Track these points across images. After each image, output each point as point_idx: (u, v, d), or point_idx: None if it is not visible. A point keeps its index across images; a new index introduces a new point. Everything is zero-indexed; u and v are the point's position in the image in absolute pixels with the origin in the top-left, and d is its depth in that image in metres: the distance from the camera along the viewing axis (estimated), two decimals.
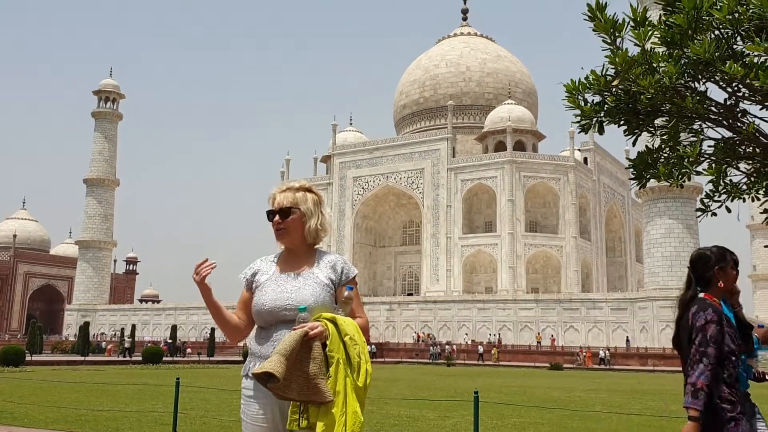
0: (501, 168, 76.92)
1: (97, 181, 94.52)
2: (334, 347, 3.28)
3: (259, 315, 3.54)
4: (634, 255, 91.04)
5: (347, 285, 3.56)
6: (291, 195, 3.65)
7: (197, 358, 52.58)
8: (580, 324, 61.93)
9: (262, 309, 3.51)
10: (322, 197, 3.78)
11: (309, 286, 3.51)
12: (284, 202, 3.63)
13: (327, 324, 3.31)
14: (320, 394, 3.17)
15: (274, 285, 3.56)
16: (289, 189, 3.69)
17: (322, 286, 3.53)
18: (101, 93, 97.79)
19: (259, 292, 3.57)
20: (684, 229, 60.15)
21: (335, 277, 3.60)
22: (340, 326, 3.33)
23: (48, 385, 21.71)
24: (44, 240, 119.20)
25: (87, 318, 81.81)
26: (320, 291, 3.51)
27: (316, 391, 3.17)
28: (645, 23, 5.06)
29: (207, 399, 17.44)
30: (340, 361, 3.27)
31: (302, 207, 3.64)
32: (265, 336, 3.53)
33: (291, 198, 3.64)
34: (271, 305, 3.49)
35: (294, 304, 3.45)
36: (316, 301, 3.46)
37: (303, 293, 3.49)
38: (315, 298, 3.47)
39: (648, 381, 34.58)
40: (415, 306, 70.23)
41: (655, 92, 5.01)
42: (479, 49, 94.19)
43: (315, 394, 3.17)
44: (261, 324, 3.58)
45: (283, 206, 3.62)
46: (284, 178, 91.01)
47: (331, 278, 3.59)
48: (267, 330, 3.53)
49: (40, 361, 40.21)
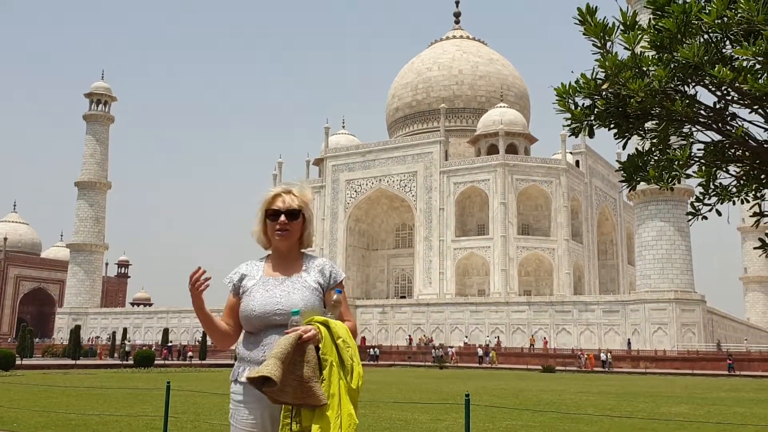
0: (493, 171, 77.08)
1: (88, 184, 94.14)
2: (327, 350, 3.28)
3: (248, 320, 3.50)
4: (625, 257, 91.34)
5: (336, 288, 3.55)
6: (297, 198, 3.64)
7: (189, 361, 52.40)
8: (572, 326, 62.05)
9: (252, 314, 3.47)
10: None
11: (298, 290, 3.49)
12: (293, 204, 3.60)
13: (319, 327, 3.31)
14: (314, 397, 3.16)
15: (263, 290, 3.52)
16: (291, 192, 3.66)
17: (311, 290, 3.52)
18: (93, 96, 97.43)
19: (247, 297, 3.53)
20: (675, 231, 60.41)
21: (324, 281, 3.59)
22: (332, 329, 3.33)
23: (38, 389, 21.57)
24: (35, 243, 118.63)
25: (78, 321, 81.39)
26: (310, 295, 3.49)
27: (311, 394, 3.16)
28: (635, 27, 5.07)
29: (198, 403, 17.37)
30: (334, 363, 3.27)
31: (306, 212, 3.64)
32: (254, 341, 3.49)
33: (298, 201, 3.63)
34: (261, 310, 3.45)
35: (284, 309, 3.43)
36: (306, 305, 3.44)
37: (293, 298, 3.47)
38: (305, 302, 3.46)
39: (640, 383, 34.66)
40: (408, 309, 70.21)
41: (644, 96, 5.03)
42: (471, 53, 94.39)
43: (309, 397, 3.16)
44: (249, 329, 3.54)
45: (292, 208, 3.59)
46: (276, 181, 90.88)
47: (320, 282, 3.58)
48: (256, 335, 3.50)
49: (31, 365, 39.96)
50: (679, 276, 59.82)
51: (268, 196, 3.66)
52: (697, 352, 54.82)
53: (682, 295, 58.65)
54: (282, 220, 3.57)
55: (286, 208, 3.59)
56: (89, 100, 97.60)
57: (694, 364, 51.40)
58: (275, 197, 3.64)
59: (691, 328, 58.00)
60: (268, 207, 3.62)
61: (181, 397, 17.94)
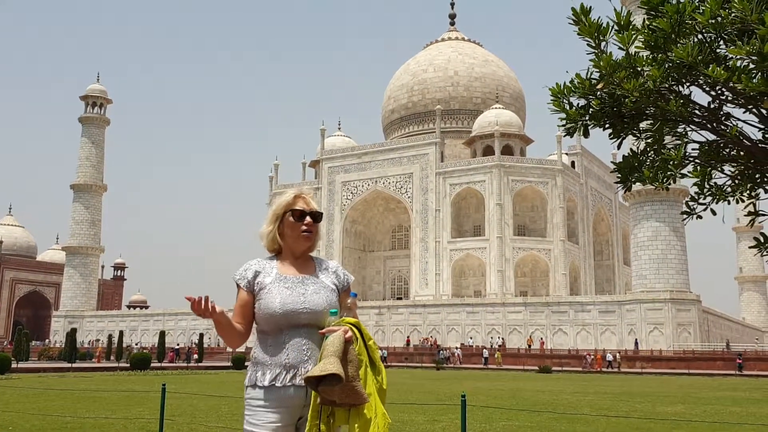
0: (489, 172, 77.16)
1: (84, 186, 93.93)
2: (360, 351, 3.33)
3: (269, 318, 3.42)
4: (621, 258, 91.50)
5: (351, 292, 3.63)
6: (314, 202, 3.71)
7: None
8: (568, 327, 62.11)
9: (276, 313, 3.40)
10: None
11: (321, 290, 3.51)
12: (318, 207, 3.68)
13: (352, 329, 3.35)
14: (359, 396, 3.20)
15: (283, 287, 3.48)
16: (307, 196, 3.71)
17: (331, 291, 3.55)
18: (88, 98, 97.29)
19: (267, 295, 3.46)
20: (671, 231, 60.56)
21: (339, 282, 3.64)
22: (363, 330, 3.39)
23: (34, 392, 21.51)
24: (31, 246, 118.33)
25: (74, 324, 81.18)
26: (331, 295, 3.52)
27: (354, 393, 3.19)
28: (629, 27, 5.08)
29: (195, 405, 17.33)
30: (367, 364, 3.33)
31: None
32: (273, 343, 3.43)
33: (315, 204, 3.70)
34: (286, 309, 3.41)
35: (310, 308, 3.43)
36: (329, 305, 3.47)
37: (317, 298, 3.48)
38: (328, 302, 3.49)
39: (637, 383, 34.72)
40: (405, 310, 70.21)
41: (639, 96, 5.03)
42: (467, 54, 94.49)
43: (353, 395, 3.19)
44: (269, 329, 3.45)
45: (318, 210, 3.66)
46: (273, 183, 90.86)
47: (335, 283, 3.62)
48: (275, 336, 3.43)
49: (27, 368, 39.83)
50: (674, 276, 59.95)
51: (288, 197, 3.66)
52: (693, 352, 54.96)
53: (678, 295, 58.78)
54: (309, 221, 3.60)
55: (311, 209, 3.63)
56: (85, 102, 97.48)
57: (690, 364, 51.50)
58: (296, 198, 3.65)
59: (687, 328, 58.12)
60: (290, 208, 3.62)
61: (177, 400, 17.90)
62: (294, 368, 3.36)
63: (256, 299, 3.50)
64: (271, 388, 3.35)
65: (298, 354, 3.38)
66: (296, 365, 3.36)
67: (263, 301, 3.46)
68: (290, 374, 3.36)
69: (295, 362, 3.37)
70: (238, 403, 15.89)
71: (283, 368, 3.37)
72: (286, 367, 3.37)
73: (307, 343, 3.40)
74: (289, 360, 3.37)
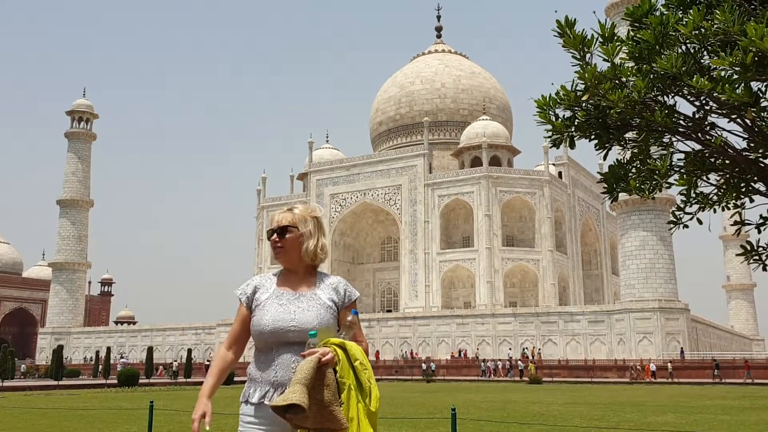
0: (477, 183, 77.42)
1: (70, 202, 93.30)
2: (345, 373, 3.22)
3: (260, 336, 3.42)
4: (609, 267, 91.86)
5: (352, 309, 3.53)
6: (290, 215, 3.63)
7: (173, 380, 51.80)
8: (558, 337, 62.19)
9: (264, 330, 3.39)
10: (323, 222, 3.76)
11: (314, 308, 3.44)
12: (282, 221, 3.61)
13: (336, 349, 3.24)
14: (335, 421, 3.10)
15: (276, 304, 3.46)
16: (289, 210, 3.67)
17: (325, 308, 3.46)
18: (74, 113, 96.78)
19: (260, 312, 3.46)
20: (658, 240, 60.90)
21: (338, 299, 3.55)
22: (348, 351, 3.27)
23: (19, 411, 21.22)
24: (16, 262, 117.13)
25: (61, 341, 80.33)
26: (324, 312, 3.44)
27: (331, 418, 3.10)
28: (613, 39, 5.11)
29: (183, 422, 17.14)
30: (352, 386, 3.22)
31: (300, 227, 3.59)
32: (264, 360, 3.42)
33: (290, 218, 3.62)
34: (274, 326, 3.38)
35: (298, 326, 3.37)
36: (320, 323, 3.39)
37: (308, 315, 3.41)
38: (320, 320, 3.40)
39: (626, 393, 34.73)
40: (395, 322, 70.07)
41: (624, 106, 5.06)
42: (454, 66, 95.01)
43: (330, 421, 3.10)
44: (261, 346, 3.46)
45: (281, 225, 3.60)
46: (261, 197, 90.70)
47: (334, 300, 3.53)
48: (267, 353, 3.42)
49: (12, 386, 39.33)
50: (662, 285, 60.23)
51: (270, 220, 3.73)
52: (682, 361, 55.12)
53: (666, 304, 59.04)
54: (273, 238, 3.59)
55: (276, 225, 3.61)
56: (71, 117, 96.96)
57: (680, 373, 51.63)
58: (273, 218, 3.67)
59: (675, 337, 58.35)
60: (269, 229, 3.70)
61: (165, 416, 17.71)
62: (282, 386, 3.32)
63: (252, 315, 3.50)
64: (261, 406, 3.33)
65: (286, 372, 3.34)
66: (284, 383, 3.32)
67: (255, 318, 3.46)
68: (278, 392, 3.32)
69: (283, 380, 3.33)
70: (226, 419, 15.74)
71: (272, 386, 3.34)
72: (275, 384, 3.34)
73: (296, 360, 3.34)
74: (278, 378, 3.34)
